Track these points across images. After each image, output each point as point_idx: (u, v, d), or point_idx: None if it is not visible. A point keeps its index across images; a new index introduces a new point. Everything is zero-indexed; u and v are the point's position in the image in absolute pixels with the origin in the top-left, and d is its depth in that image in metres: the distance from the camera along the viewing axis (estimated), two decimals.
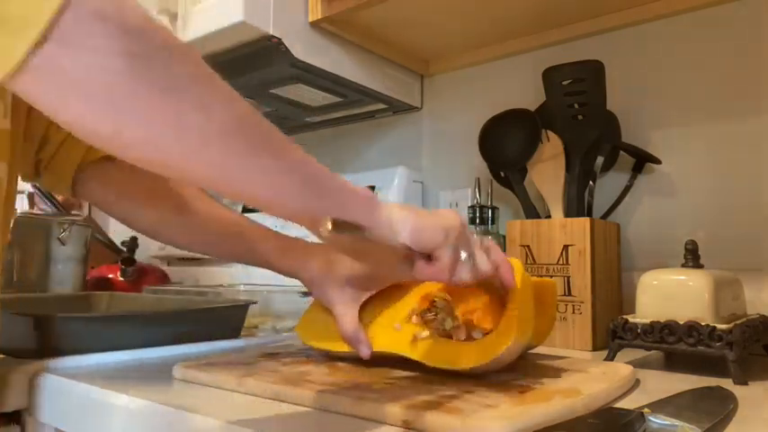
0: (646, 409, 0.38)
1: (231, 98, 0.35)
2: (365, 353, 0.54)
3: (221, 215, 0.63)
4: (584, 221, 0.74)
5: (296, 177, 0.39)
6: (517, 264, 0.51)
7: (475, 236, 0.49)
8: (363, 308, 0.57)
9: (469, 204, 0.99)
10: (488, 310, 0.52)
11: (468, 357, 0.49)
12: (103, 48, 0.28)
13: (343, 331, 0.55)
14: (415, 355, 0.52)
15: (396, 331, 0.54)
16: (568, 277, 0.74)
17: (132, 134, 0.31)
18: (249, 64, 0.96)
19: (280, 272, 0.61)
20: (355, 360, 0.57)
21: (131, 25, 0.29)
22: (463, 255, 0.46)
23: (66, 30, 0.26)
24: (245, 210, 1.08)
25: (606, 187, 0.89)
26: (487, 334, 0.50)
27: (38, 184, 0.63)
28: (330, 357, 0.59)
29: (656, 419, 0.37)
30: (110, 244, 1.37)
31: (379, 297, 0.58)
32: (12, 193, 0.54)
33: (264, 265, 0.61)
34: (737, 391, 0.48)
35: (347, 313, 0.55)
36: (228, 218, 0.63)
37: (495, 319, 0.51)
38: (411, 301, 0.56)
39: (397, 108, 1.16)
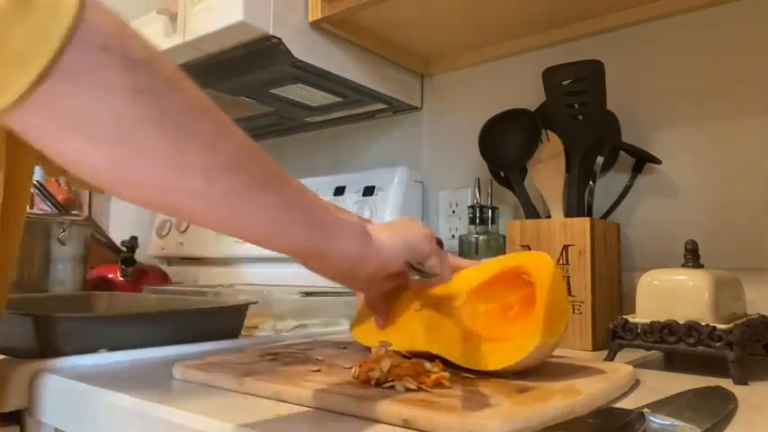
0: (646, 409, 0.38)
1: (233, 133, 0.34)
2: (379, 324, 0.59)
3: None
4: (584, 221, 0.74)
5: (297, 211, 0.38)
6: (547, 260, 0.51)
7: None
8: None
9: (469, 204, 0.99)
10: (527, 304, 0.52)
11: (494, 359, 0.49)
12: (107, 82, 0.27)
13: (366, 300, 0.59)
14: (442, 353, 0.53)
15: (430, 331, 0.56)
16: (568, 277, 0.74)
17: (134, 172, 0.30)
18: (249, 64, 0.96)
19: None
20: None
21: (136, 57, 0.28)
22: (441, 253, 0.53)
23: (70, 64, 0.25)
24: None
25: (606, 187, 0.89)
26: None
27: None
28: (329, 356, 0.59)
29: (656, 419, 0.37)
30: (110, 244, 1.37)
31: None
32: (14, 195, 0.54)
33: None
34: (737, 391, 0.48)
35: (371, 290, 0.58)
36: None
37: (532, 312, 0.51)
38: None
39: (397, 108, 1.16)
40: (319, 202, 0.41)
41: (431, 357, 0.51)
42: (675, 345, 0.58)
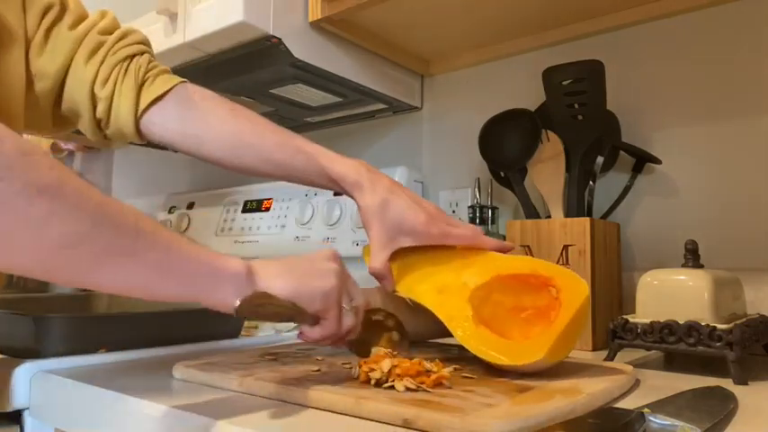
0: (646, 409, 0.38)
1: (75, 207, 0.35)
2: (389, 288, 0.60)
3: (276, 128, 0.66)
4: (584, 221, 0.74)
5: (162, 272, 0.39)
6: (584, 286, 0.51)
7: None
8: (405, 253, 0.60)
9: (469, 204, 0.99)
10: (540, 314, 0.52)
11: (502, 355, 0.50)
12: None
13: (371, 267, 0.59)
14: (455, 330, 0.53)
15: (439, 294, 0.57)
16: None
17: None
18: (249, 64, 0.96)
19: (332, 179, 0.62)
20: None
21: None
22: (345, 306, 0.49)
23: None
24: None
25: (606, 187, 0.89)
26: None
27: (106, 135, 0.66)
28: (329, 356, 0.59)
29: (656, 419, 0.37)
30: None
31: (422, 250, 0.60)
32: None
33: (319, 172, 0.62)
34: (737, 391, 0.48)
35: (380, 254, 0.59)
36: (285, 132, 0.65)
37: (543, 324, 0.51)
38: (457, 267, 0.58)
39: (397, 108, 1.16)
40: (194, 256, 0.41)
41: (431, 357, 0.51)
42: (675, 345, 0.58)
